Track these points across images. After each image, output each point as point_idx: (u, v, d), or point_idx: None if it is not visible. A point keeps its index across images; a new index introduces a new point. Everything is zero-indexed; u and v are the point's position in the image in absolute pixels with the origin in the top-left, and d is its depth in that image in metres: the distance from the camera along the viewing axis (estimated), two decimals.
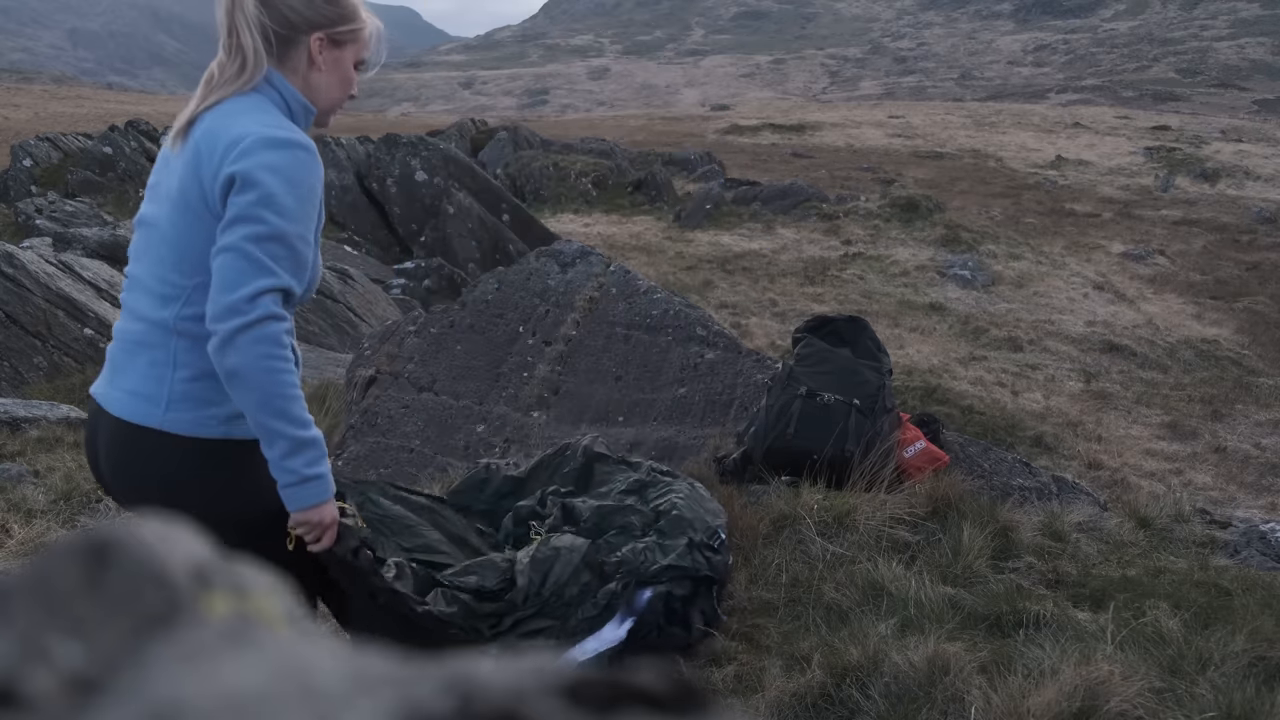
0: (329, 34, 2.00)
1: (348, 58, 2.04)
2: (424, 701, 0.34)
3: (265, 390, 1.83)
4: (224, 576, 0.39)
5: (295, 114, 2.01)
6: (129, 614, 0.36)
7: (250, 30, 1.94)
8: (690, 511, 3.29)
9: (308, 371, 7.79)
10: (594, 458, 3.73)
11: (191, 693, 0.33)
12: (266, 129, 1.89)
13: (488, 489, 3.67)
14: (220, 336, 1.82)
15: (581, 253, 6.08)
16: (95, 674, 0.34)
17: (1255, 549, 4.01)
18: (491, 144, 25.30)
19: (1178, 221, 24.20)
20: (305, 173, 1.89)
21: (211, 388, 1.94)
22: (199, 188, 1.90)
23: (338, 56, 2.02)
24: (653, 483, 3.52)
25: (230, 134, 1.88)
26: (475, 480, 3.73)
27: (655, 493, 3.46)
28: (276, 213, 1.83)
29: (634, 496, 3.47)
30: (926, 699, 2.63)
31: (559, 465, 3.73)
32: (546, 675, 0.35)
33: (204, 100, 1.96)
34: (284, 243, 1.84)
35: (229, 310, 1.81)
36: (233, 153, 1.85)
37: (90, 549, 0.37)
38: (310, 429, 1.90)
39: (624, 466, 3.70)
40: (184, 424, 1.94)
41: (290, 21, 1.97)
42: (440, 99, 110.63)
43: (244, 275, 1.81)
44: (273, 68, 1.98)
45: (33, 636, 0.34)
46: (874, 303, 14.46)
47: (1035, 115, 51.05)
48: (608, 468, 3.69)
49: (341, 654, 0.37)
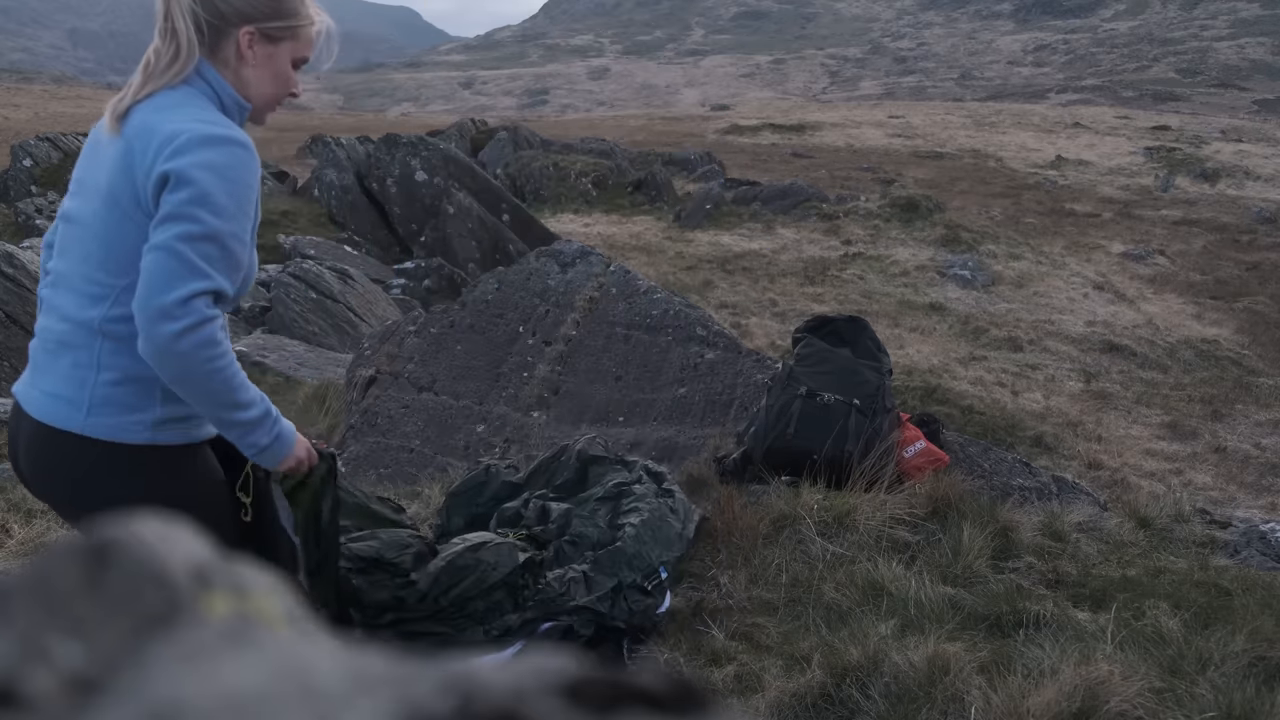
0: (260, 28, 1.94)
1: (283, 54, 1.98)
2: (424, 701, 0.34)
3: (211, 390, 1.83)
4: (224, 576, 0.39)
5: (229, 108, 1.96)
6: (129, 614, 0.36)
7: (184, 16, 1.90)
8: (637, 544, 3.21)
9: (307, 371, 7.80)
10: (589, 460, 3.71)
11: (191, 693, 0.33)
12: (202, 125, 1.85)
13: (485, 492, 3.66)
14: (153, 342, 1.79)
15: (581, 253, 6.09)
16: (95, 674, 0.34)
17: (1255, 549, 4.01)
18: (491, 144, 25.31)
19: (1178, 221, 24.20)
20: (241, 170, 1.85)
21: (136, 393, 1.91)
22: (130, 186, 1.86)
23: (271, 52, 1.97)
24: (628, 492, 3.47)
25: (164, 130, 1.84)
26: (474, 483, 3.72)
27: (626, 504, 3.42)
28: (211, 211, 1.79)
29: (607, 505, 3.43)
30: (926, 699, 2.63)
31: (555, 469, 3.72)
32: (546, 675, 0.35)
33: (141, 89, 1.92)
34: (217, 242, 1.80)
35: (159, 313, 1.77)
36: (167, 150, 1.81)
37: (90, 549, 0.37)
38: (257, 405, 1.91)
39: (618, 467, 3.68)
40: (105, 429, 1.91)
41: (221, 11, 1.92)
42: (440, 99, 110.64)
43: (175, 277, 1.77)
44: (205, 59, 1.94)
45: (33, 636, 0.34)
46: (874, 303, 14.46)
47: (1035, 115, 51.05)
48: (602, 469, 3.68)
49: (341, 654, 0.37)
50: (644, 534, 3.27)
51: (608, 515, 3.38)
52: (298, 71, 2.03)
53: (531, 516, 3.41)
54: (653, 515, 3.36)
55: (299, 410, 6.13)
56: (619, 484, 3.51)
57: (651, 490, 3.52)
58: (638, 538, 3.25)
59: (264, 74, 1.98)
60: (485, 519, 3.53)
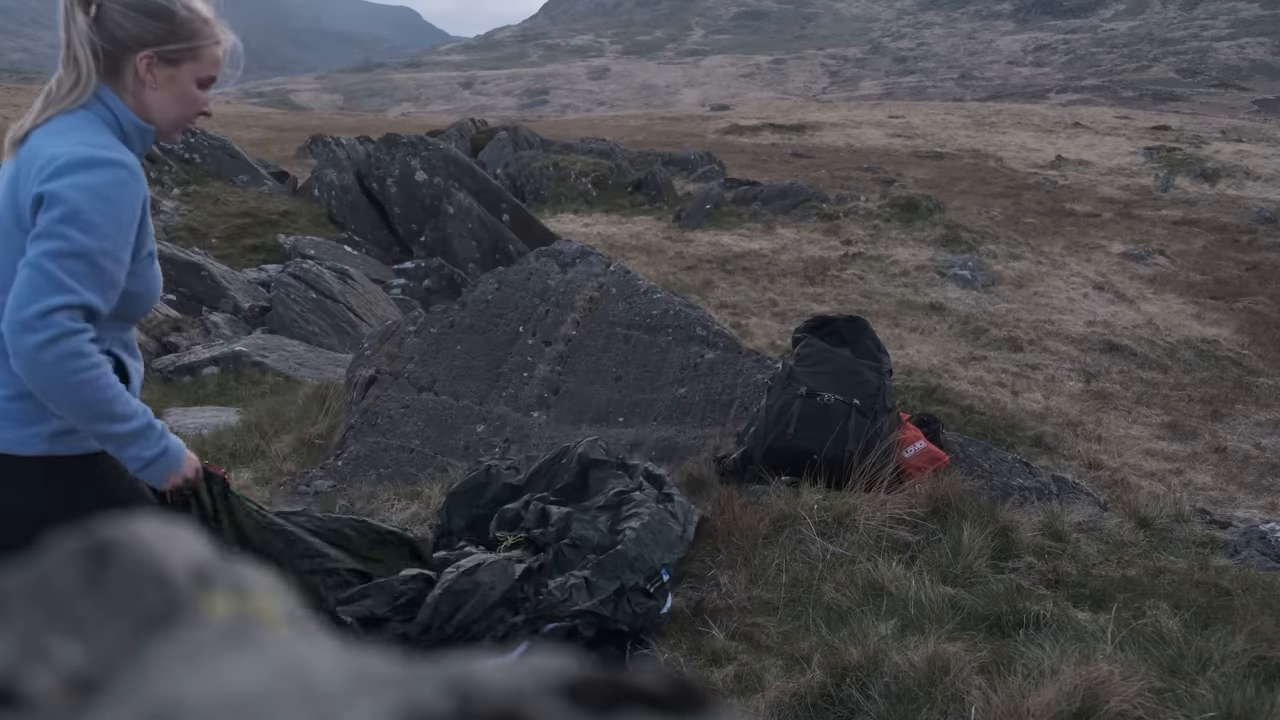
0: (158, 52, 1.98)
1: (185, 76, 2.02)
2: (424, 702, 0.34)
3: (80, 401, 1.87)
4: (224, 576, 0.39)
5: (128, 133, 2.01)
6: (129, 614, 0.36)
7: (83, 45, 1.94)
8: (638, 547, 3.22)
9: (307, 371, 7.80)
10: (589, 463, 3.70)
11: (191, 693, 0.33)
12: (81, 148, 1.90)
13: (486, 494, 3.65)
14: (18, 355, 1.84)
15: (581, 253, 6.09)
16: (95, 674, 0.34)
17: (1255, 549, 4.01)
18: (491, 144, 25.30)
19: (1178, 221, 24.21)
20: (118, 190, 1.90)
21: (32, 407, 1.95)
22: (15, 207, 1.92)
23: (172, 75, 2.00)
24: (629, 499, 3.47)
25: (46, 153, 1.89)
26: (474, 484, 3.71)
27: (626, 510, 3.42)
28: (80, 229, 1.83)
29: (607, 513, 3.42)
30: (926, 699, 2.63)
31: (556, 471, 3.72)
32: (546, 675, 0.35)
33: (40, 115, 1.98)
34: (86, 259, 1.84)
35: (21, 326, 1.82)
36: (45, 172, 1.87)
37: (90, 549, 0.37)
38: (136, 418, 1.94)
39: (619, 471, 3.67)
40: (3, 443, 1.97)
41: (117, 38, 1.96)
42: (440, 99, 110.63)
43: (38, 291, 1.81)
44: (106, 84, 1.98)
45: (33, 636, 0.34)
46: (874, 303, 14.46)
47: (1035, 115, 51.05)
48: (603, 473, 3.67)
49: (341, 654, 0.37)
50: (645, 537, 3.28)
51: (608, 520, 3.38)
52: (206, 90, 2.07)
53: (531, 519, 3.41)
54: (653, 519, 3.37)
55: (299, 410, 6.13)
56: (619, 492, 3.51)
57: (652, 495, 3.52)
58: (639, 540, 3.25)
59: (166, 96, 2.02)
60: (485, 520, 3.52)
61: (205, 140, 15.99)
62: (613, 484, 3.57)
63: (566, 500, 3.54)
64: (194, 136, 15.92)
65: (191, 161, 15.52)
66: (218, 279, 10.42)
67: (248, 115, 49.91)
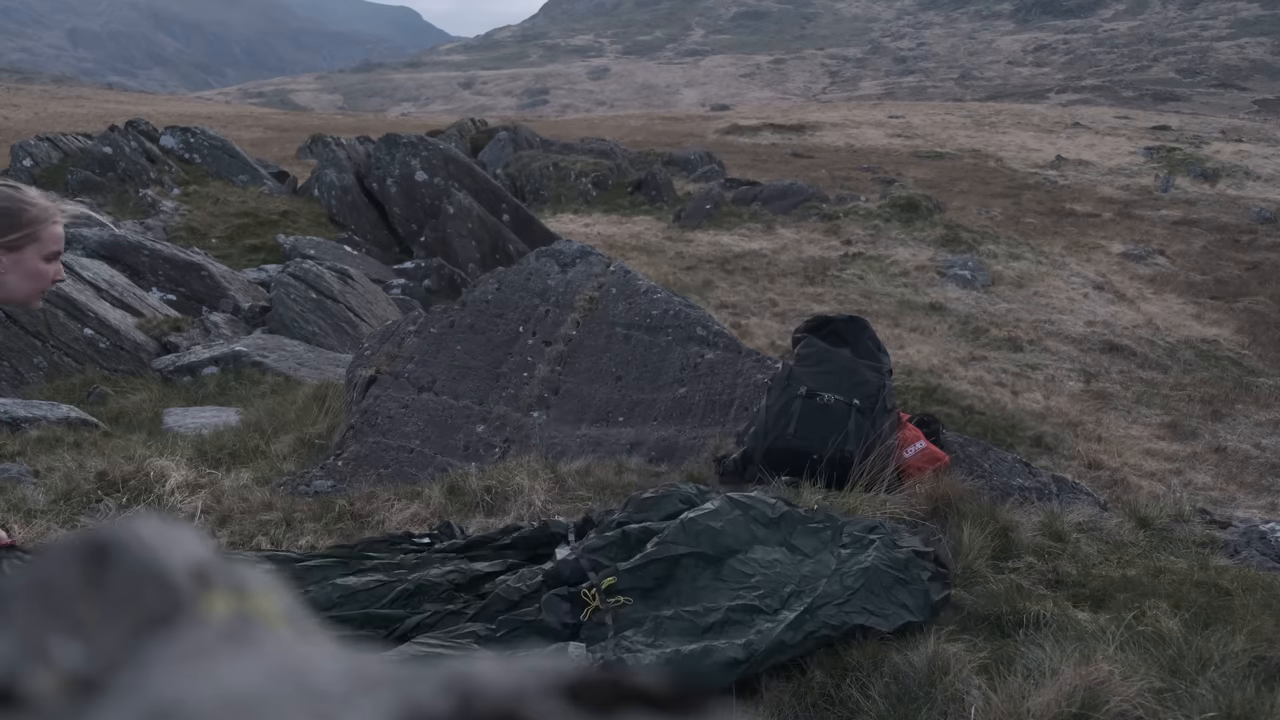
0: (2, 243, 2.20)
1: (29, 257, 2.25)
2: (424, 701, 0.34)
3: None
4: (224, 576, 0.39)
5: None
6: (129, 614, 0.36)
7: None
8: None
9: (307, 371, 7.79)
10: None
11: (191, 693, 0.33)
12: None
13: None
14: None
15: (581, 253, 6.09)
16: (95, 674, 0.34)
17: (1255, 549, 4.01)
18: (491, 144, 25.31)
19: (1178, 221, 24.21)
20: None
21: None
22: None
23: (17, 259, 2.23)
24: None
25: None
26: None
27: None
28: None
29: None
30: (926, 699, 2.63)
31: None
32: (546, 675, 0.35)
33: None
34: None
35: None
36: None
37: (90, 549, 0.37)
38: None
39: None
40: None
41: None
42: (440, 99, 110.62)
43: None
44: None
45: (33, 636, 0.34)
46: (874, 303, 14.46)
47: (1035, 115, 51.05)
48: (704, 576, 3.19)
49: (341, 654, 0.37)
50: None
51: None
52: (55, 261, 2.31)
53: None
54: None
55: (299, 410, 6.13)
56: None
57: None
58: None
59: (15, 278, 2.25)
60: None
61: (205, 140, 15.98)
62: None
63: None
64: (194, 137, 15.92)
65: (191, 161, 15.52)
66: (218, 279, 10.42)
67: (248, 115, 49.92)
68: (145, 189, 14.07)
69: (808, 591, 2.90)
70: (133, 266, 10.09)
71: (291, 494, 4.58)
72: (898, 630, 2.88)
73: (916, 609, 2.93)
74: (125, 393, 7.41)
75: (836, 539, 3.18)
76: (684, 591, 2.92)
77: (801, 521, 3.25)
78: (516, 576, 3.06)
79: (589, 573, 2.99)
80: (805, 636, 2.78)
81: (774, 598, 2.88)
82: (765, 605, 2.85)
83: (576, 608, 2.86)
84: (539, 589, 2.97)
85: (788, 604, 2.87)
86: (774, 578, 2.95)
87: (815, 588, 2.91)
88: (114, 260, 9.98)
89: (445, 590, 3.09)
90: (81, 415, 6.18)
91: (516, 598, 2.96)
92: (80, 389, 7.36)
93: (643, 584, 2.93)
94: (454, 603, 3.03)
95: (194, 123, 18.84)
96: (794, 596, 2.90)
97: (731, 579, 2.95)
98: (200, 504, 4.15)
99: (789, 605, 2.86)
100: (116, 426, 6.31)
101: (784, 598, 2.89)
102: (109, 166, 14.60)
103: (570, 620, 2.83)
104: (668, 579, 2.95)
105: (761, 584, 2.93)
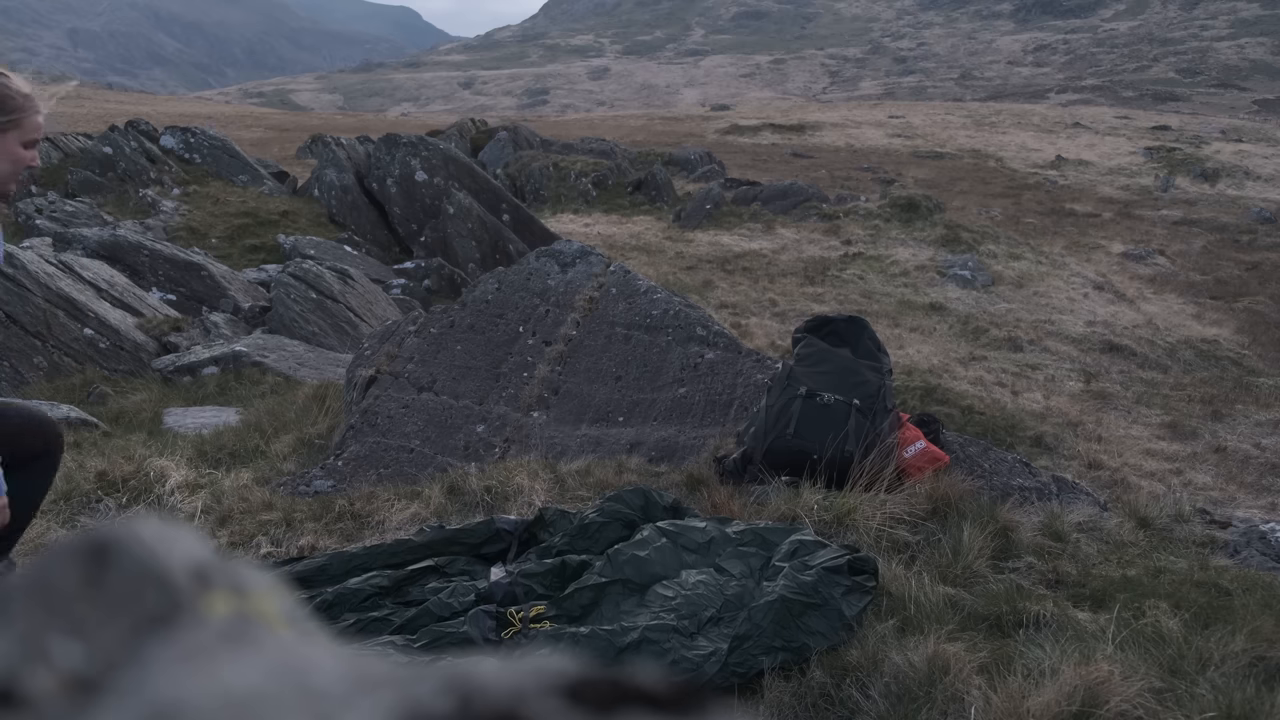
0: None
1: (9, 142, 2.41)
2: (424, 701, 0.34)
3: None
4: (224, 576, 0.39)
5: None
6: (129, 614, 0.36)
7: None
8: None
9: (307, 371, 7.79)
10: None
11: (191, 693, 0.33)
12: None
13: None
14: None
15: (581, 253, 6.09)
16: (95, 674, 0.34)
17: (1255, 549, 4.01)
18: (491, 144, 25.31)
19: (1178, 221, 24.21)
20: None
21: None
22: None
23: (1, 140, 2.39)
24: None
25: None
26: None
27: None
28: None
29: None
30: (926, 699, 2.63)
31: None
32: (546, 675, 0.35)
33: None
34: None
35: None
36: None
37: (90, 549, 0.37)
38: None
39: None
40: None
41: None
42: (440, 99, 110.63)
43: None
44: None
45: (33, 636, 0.34)
46: (874, 303, 14.46)
47: (1035, 115, 51.04)
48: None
49: (341, 654, 0.37)
50: None
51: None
52: (32, 149, 2.46)
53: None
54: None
55: (299, 410, 6.13)
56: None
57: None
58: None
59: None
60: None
61: (205, 140, 15.98)
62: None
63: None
64: (194, 137, 15.91)
65: (191, 161, 15.51)
66: (218, 279, 10.42)
67: (248, 115, 49.90)
68: (145, 189, 14.07)
69: (728, 619, 2.92)
70: (133, 266, 10.09)
71: (291, 494, 4.58)
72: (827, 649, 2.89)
73: (829, 631, 2.92)
74: (125, 393, 7.41)
75: (766, 566, 3.19)
76: (605, 616, 2.99)
77: (731, 544, 3.29)
78: (449, 591, 3.12)
79: (520, 597, 3.09)
80: (727, 672, 2.81)
81: (692, 620, 2.90)
82: (682, 627, 2.87)
83: (501, 625, 2.96)
84: (470, 606, 3.05)
85: (704, 629, 2.89)
86: (694, 599, 2.97)
87: (735, 618, 2.93)
88: (114, 260, 9.98)
89: (368, 596, 3.14)
90: (81, 415, 6.18)
91: (448, 613, 3.02)
92: (80, 389, 7.36)
93: (570, 612, 3.02)
94: (378, 610, 3.09)
95: (194, 123, 18.83)
96: (712, 623, 2.92)
97: (655, 603, 3.00)
98: (200, 504, 4.15)
99: (705, 631, 2.89)
100: (116, 426, 6.31)
101: (702, 621, 2.91)
102: (109, 166, 14.60)
103: (493, 637, 2.92)
104: (592, 606, 3.04)
105: (681, 605, 2.95)
